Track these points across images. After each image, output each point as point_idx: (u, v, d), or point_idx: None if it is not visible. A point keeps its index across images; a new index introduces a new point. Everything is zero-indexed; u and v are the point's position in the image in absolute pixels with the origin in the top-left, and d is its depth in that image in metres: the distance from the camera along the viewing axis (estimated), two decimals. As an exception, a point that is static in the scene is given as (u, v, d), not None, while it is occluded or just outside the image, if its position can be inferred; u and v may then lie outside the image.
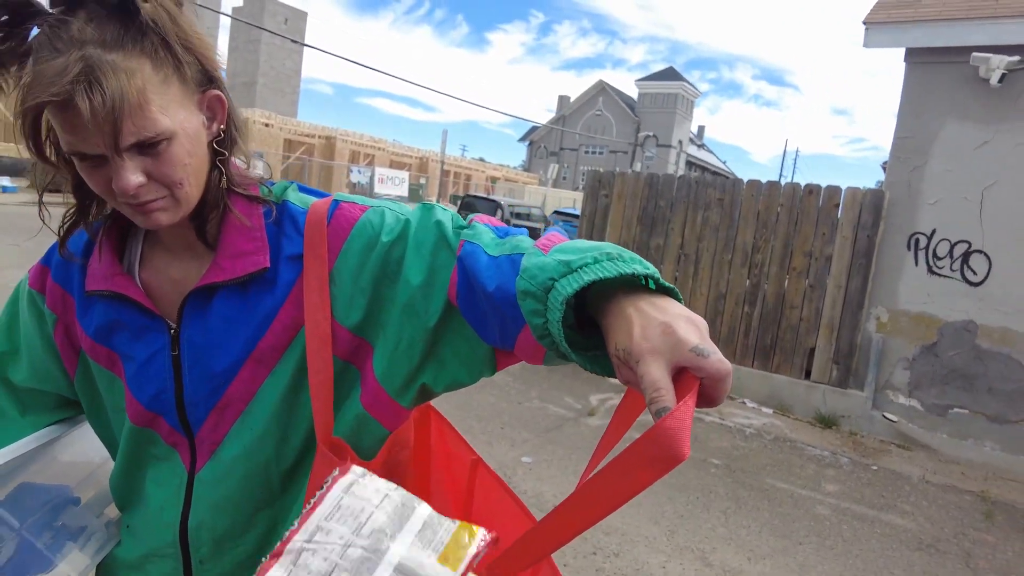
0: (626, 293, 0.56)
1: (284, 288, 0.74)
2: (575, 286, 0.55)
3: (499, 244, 0.68)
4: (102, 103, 0.58)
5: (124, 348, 0.77)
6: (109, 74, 0.59)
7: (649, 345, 0.50)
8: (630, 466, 0.45)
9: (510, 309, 0.63)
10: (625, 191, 6.28)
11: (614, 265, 0.56)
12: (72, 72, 0.58)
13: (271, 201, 0.77)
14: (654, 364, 0.49)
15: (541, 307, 0.58)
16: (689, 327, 0.50)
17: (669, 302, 0.54)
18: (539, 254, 0.62)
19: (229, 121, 0.73)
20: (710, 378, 0.48)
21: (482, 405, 4.73)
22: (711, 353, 0.48)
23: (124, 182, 0.63)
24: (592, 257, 0.57)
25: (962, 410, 4.84)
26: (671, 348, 0.49)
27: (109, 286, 0.75)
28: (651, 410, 0.47)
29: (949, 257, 4.88)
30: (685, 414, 0.45)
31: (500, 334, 0.67)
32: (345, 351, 0.74)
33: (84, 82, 0.58)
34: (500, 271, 0.65)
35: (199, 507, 0.76)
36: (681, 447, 0.44)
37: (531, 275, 0.60)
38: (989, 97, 4.70)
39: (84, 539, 0.85)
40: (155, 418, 0.77)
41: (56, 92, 0.58)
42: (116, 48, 0.60)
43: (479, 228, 0.72)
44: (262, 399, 0.74)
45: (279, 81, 48.10)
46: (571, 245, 0.62)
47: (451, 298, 0.70)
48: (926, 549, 3.40)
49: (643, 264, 0.57)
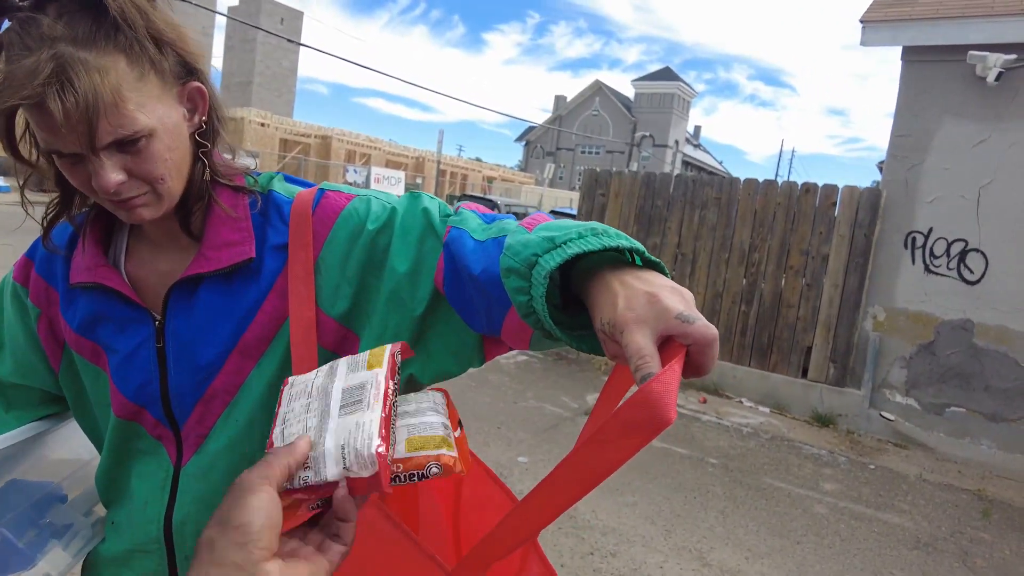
0: (611, 268, 0.55)
1: (269, 278, 0.73)
2: (558, 260, 0.55)
3: (485, 229, 0.68)
4: (75, 104, 0.57)
5: (108, 340, 0.75)
6: (82, 73, 0.57)
7: (634, 315, 0.49)
8: (615, 433, 0.44)
9: (496, 290, 0.62)
10: (622, 190, 6.27)
11: (598, 239, 0.56)
12: (43, 73, 0.56)
13: (256, 191, 0.76)
14: (639, 332, 0.48)
15: (525, 284, 0.57)
16: (674, 296, 0.50)
17: (654, 275, 0.54)
18: (523, 232, 0.61)
19: (211, 112, 0.72)
20: (696, 344, 0.47)
21: (478, 405, 4.71)
22: (696, 319, 0.47)
23: (104, 181, 0.62)
24: (576, 232, 0.57)
25: (959, 409, 4.84)
26: (656, 316, 0.48)
27: (93, 278, 0.74)
28: (636, 377, 0.46)
29: (946, 256, 4.88)
30: (671, 378, 0.43)
31: (487, 318, 0.67)
32: (331, 341, 0.72)
33: (56, 84, 0.56)
34: (486, 253, 0.64)
35: (184, 501, 0.75)
36: (667, 411, 0.42)
37: (515, 252, 0.59)
38: (986, 95, 4.70)
39: (69, 537, 0.84)
40: (140, 411, 0.75)
41: (27, 95, 0.56)
42: (88, 45, 0.58)
43: (466, 214, 0.72)
44: (248, 391, 0.73)
45: (275, 81, 48.02)
46: (556, 223, 0.61)
47: (438, 285, 0.69)
48: (923, 548, 3.39)
49: (628, 239, 0.57)
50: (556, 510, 0.48)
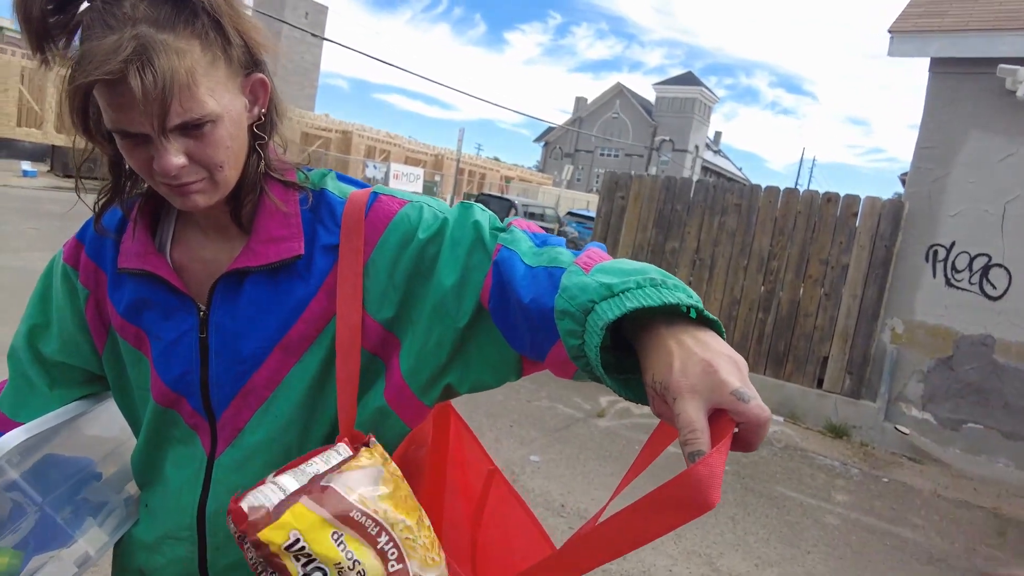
0: (667, 322, 0.53)
1: (318, 278, 0.73)
2: (616, 312, 0.53)
3: (537, 254, 0.67)
4: (153, 83, 0.58)
5: (152, 327, 0.77)
6: (161, 54, 0.59)
7: (688, 383, 0.48)
8: (658, 507, 0.44)
9: (544, 323, 0.61)
10: (642, 193, 6.26)
11: (658, 292, 0.54)
12: (126, 50, 0.58)
13: (308, 188, 0.77)
14: (692, 403, 0.47)
15: (579, 328, 0.56)
16: (731, 367, 0.48)
17: (711, 336, 0.52)
18: (580, 273, 0.60)
19: (271, 106, 0.73)
20: (748, 424, 0.46)
21: (491, 402, 4.73)
22: (751, 398, 0.46)
23: (166, 163, 0.63)
24: (635, 282, 0.55)
25: (976, 425, 4.78)
26: (711, 388, 0.47)
27: (141, 265, 0.75)
28: (684, 451, 0.46)
29: (968, 270, 4.83)
30: (718, 461, 0.43)
31: (531, 345, 0.66)
32: (373, 343, 0.73)
33: (137, 61, 0.58)
34: (536, 283, 0.64)
35: (218, 492, 0.76)
36: (710, 495, 0.43)
37: (571, 295, 0.58)
38: (1015, 110, 4.64)
39: (104, 515, 0.85)
40: (178, 399, 0.77)
41: (109, 70, 0.57)
42: (168, 28, 0.60)
43: (517, 234, 0.71)
44: (288, 388, 0.74)
45: (298, 75, 48.32)
46: (613, 266, 0.60)
47: (483, 301, 0.69)
48: (936, 564, 3.36)
49: (687, 292, 0.55)
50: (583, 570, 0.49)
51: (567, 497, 3.42)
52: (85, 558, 0.79)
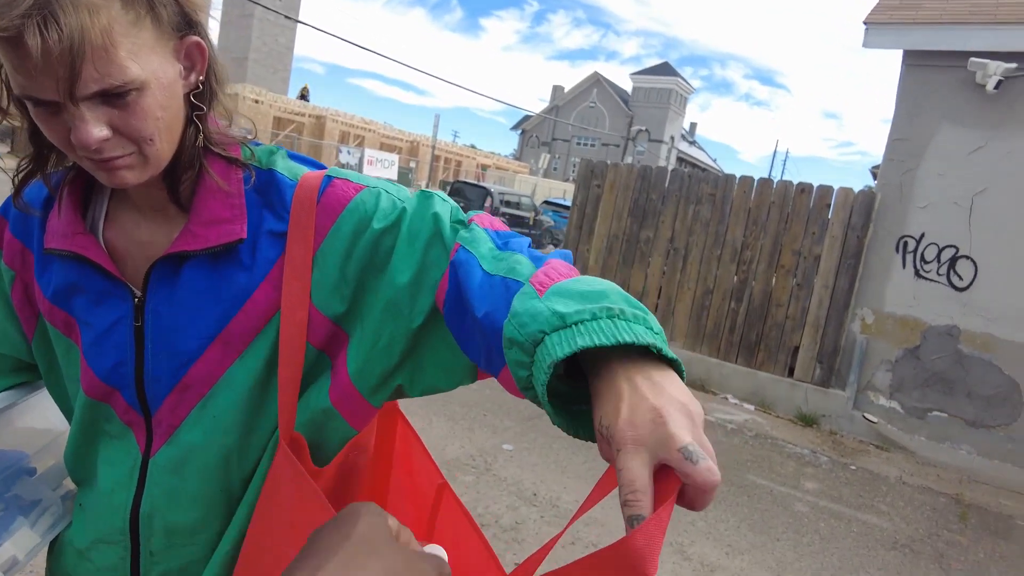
0: (622, 357, 0.48)
1: (263, 267, 0.68)
2: (566, 350, 0.47)
3: (496, 259, 0.62)
4: (57, 42, 0.51)
5: (83, 313, 0.71)
6: (69, 9, 0.51)
7: (634, 434, 0.43)
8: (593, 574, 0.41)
9: (497, 341, 0.55)
10: (617, 182, 6.24)
11: (613, 327, 0.48)
12: (24, 3, 0.50)
13: (252, 165, 0.70)
14: (636, 459, 0.42)
15: (527, 359, 0.50)
16: (683, 419, 0.43)
17: (668, 378, 0.47)
18: (533, 296, 0.53)
19: (209, 72, 0.66)
20: (695, 487, 0.41)
21: (463, 391, 4.68)
22: (700, 459, 0.41)
23: (84, 135, 0.56)
24: (591, 312, 0.49)
25: (941, 413, 4.88)
26: (658, 442, 0.42)
27: (69, 246, 0.68)
28: (623, 511, 0.41)
29: (936, 261, 4.90)
30: (656, 530, 0.39)
31: (486, 360, 0.61)
32: (320, 339, 0.68)
33: (38, 16, 0.50)
34: (492, 294, 0.58)
35: (153, 494, 0.71)
36: (646, 568, 0.39)
37: (520, 322, 0.52)
38: (985, 103, 4.70)
39: (37, 514, 0.80)
40: (111, 392, 0.71)
41: (2, 26, 0.50)
42: None
43: (477, 233, 0.66)
44: (227, 385, 0.68)
45: (271, 58, 47.36)
46: (571, 287, 0.53)
47: (438, 304, 0.65)
48: (901, 548, 3.42)
49: (646, 324, 0.49)
50: None
51: (539, 486, 3.41)
52: (12, 562, 0.73)
